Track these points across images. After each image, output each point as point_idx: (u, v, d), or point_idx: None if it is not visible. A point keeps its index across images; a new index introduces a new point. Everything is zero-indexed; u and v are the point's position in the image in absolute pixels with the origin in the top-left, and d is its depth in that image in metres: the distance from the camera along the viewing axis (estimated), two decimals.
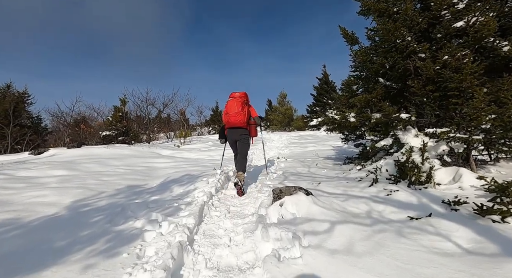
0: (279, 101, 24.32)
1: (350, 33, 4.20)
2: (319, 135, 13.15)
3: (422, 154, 2.60)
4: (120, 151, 6.75)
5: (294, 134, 16.18)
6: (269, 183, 3.34)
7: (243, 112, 3.54)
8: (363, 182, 2.87)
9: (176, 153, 7.68)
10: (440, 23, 3.26)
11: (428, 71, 3.00)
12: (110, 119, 11.19)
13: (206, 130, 27.73)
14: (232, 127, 3.63)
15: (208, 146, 9.50)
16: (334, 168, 4.21)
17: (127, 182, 3.69)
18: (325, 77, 22.66)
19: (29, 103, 15.95)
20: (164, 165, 5.57)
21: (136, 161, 5.80)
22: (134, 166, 5.27)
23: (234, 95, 3.63)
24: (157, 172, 4.80)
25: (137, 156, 6.43)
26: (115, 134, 10.77)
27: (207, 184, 3.39)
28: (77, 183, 3.46)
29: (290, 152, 6.99)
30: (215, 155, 7.34)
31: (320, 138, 10.65)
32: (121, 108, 11.33)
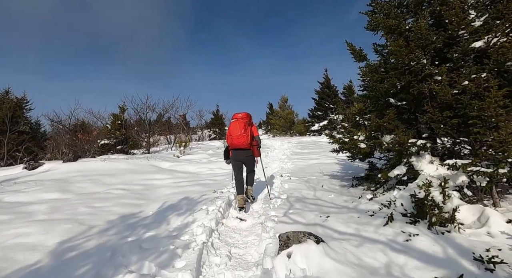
0: (281, 105, 24.11)
1: (358, 50, 3.98)
2: (322, 142, 12.91)
3: (442, 191, 2.36)
4: (117, 165, 6.52)
5: (296, 140, 15.95)
6: (273, 214, 3.10)
7: (246, 134, 3.62)
8: (377, 218, 2.63)
9: (176, 165, 7.45)
10: (457, 43, 3.03)
11: (445, 97, 2.77)
12: (108, 127, 10.98)
13: (207, 134, 27.54)
14: (236, 149, 3.72)
15: (209, 156, 9.27)
16: (341, 191, 3.97)
17: (121, 210, 3.45)
18: (327, 81, 22.45)
19: (27, 109, 15.86)
20: (162, 182, 5.34)
21: (133, 178, 5.57)
22: (131, 184, 5.04)
23: (237, 117, 3.73)
24: (154, 192, 4.57)
25: (134, 171, 6.20)
26: (114, 143, 10.56)
27: (206, 214, 3.16)
28: (67, 212, 3.23)
29: (293, 166, 6.75)
30: (215, 168, 7.10)
31: (323, 147, 10.40)
32: (120, 116, 11.12)
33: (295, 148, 11.12)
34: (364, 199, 3.20)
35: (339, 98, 22.30)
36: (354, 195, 3.67)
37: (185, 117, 31.17)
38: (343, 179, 4.77)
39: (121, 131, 10.60)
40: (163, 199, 4.08)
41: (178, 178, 5.79)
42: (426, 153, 3.03)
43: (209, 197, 3.93)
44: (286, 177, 5.18)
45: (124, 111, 11.48)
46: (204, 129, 28.72)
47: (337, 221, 2.71)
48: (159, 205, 3.74)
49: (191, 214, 3.21)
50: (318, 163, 6.99)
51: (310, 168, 6.31)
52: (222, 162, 7.89)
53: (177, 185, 5.13)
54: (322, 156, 7.99)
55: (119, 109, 11.36)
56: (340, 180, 4.73)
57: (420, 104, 3.25)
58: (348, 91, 22.46)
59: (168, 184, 5.23)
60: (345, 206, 3.17)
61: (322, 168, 6.19)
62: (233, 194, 4.12)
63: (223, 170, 6.91)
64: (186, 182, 5.37)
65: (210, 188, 4.69)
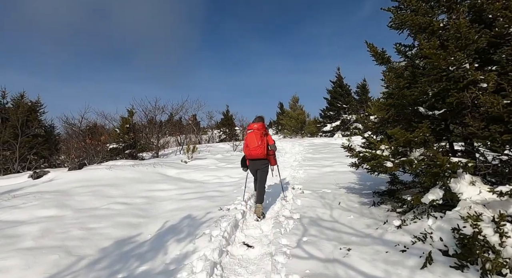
0: (291, 105, 23.57)
1: (380, 51, 3.51)
2: (335, 145, 12.34)
3: (499, 230, 1.89)
4: (122, 173, 6.31)
5: (307, 142, 15.43)
6: (284, 244, 2.71)
7: (263, 145, 3.82)
8: (410, 255, 2.19)
9: (183, 173, 7.17)
10: (507, 43, 2.52)
11: (494, 108, 2.28)
12: (117, 131, 10.89)
13: (217, 135, 27.41)
14: (253, 159, 3.93)
15: (217, 161, 8.96)
16: (361, 211, 3.52)
17: (117, 232, 3.16)
18: (339, 80, 21.71)
19: (41, 112, 16.13)
20: (166, 194, 5.05)
21: (137, 188, 5.31)
22: (133, 196, 4.78)
23: (253, 128, 3.90)
24: (157, 207, 4.28)
25: (139, 180, 5.96)
26: (122, 147, 10.44)
27: (209, 241, 2.81)
28: (58, 237, 2.96)
29: (306, 175, 6.31)
30: (223, 176, 6.77)
31: (337, 151, 9.87)
32: (128, 120, 11.00)
33: (307, 151, 10.64)
34: (391, 226, 2.75)
35: (352, 97, 21.51)
36: (378, 217, 3.22)
37: (196, 118, 31.28)
38: (362, 194, 4.30)
39: (130, 135, 10.48)
40: (164, 216, 3.77)
41: (183, 188, 5.48)
42: (465, 172, 2.55)
43: (214, 217, 3.59)
44: (298, 190, 4.76)
45: (132, 115, 11.37)
46: (214, 129, 28.64)
47: (360, 256, 2.29)
48: (159, 225, 3.43)
49: (192, 240, 2.87)
50: (332, 171, 6.51)
51: (324, 178, 5.86)
52: (230, 168, 7.56)
53: (181, 197, 4.83)
54: (336, 162, 7.49)
55: (128, 112, 11.26)
56: (358, 195, 4.27)
57: (458, 115, 2.76)
58: (362, 91, 21.65)
59: (172, 196, 4.93)
60: (369, 234, 2.73)
61: (337, 178, 5.72)
62: (240, 212, 3.76)
63: (231, 178, 6.57)
64: (191, 193, 5.06)
65: (216, 203, 4.34)
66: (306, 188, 4.95)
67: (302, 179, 5.96)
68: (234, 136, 25.66)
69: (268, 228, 3.41)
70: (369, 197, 4.09)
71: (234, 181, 6.16)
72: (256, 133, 3.81)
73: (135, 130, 11.35)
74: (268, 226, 3.47)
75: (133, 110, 11.34)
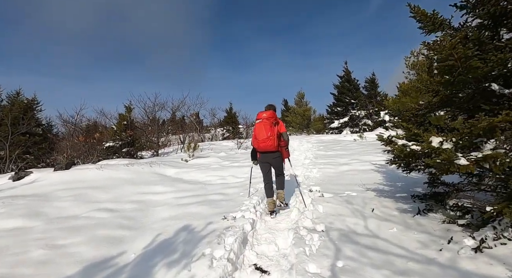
0: (297, 101, 22.74)
1: (431, 14, 2.71)
2: (346, 142, 11.54)
3: None
4: (114, 173, 5.61)
5: (315, 139, 14.63)
6: (313, 272, 1.96)
7: (273, 136, 3.41)
8: None
9: (183, 172, 6.46)
10: None
11: None
12: (114, 128, 10.23)
13: (220, 133, 26.74)
14: (264, 152, 3.56)
15: (220, 160, 8.23)
16: (405, 221, 2.75)
17: (91, 251, 2.44)
18: (347, 74, 20.83)
19: (38, 110, 15.57)
20: (162, 198, 4.34)
21: (129, 191, 4.60)
22: (122, 201, 4.07)
23: (262, 117, 3.51)
24: (148, 215, 3.56)
25: (132, 181, 5.25)
26: (119, 145, 9.77)
27: (209, 266, 2.07)
28: (8, 261, 2.24)
29: (321, 174, 5.54)
30: (227, 176, 6.03)
31: (351, 148, 9.08)
32: (126, 116, 10.33)
33: (317, 148, 9.85)
34: (463, 247, 1.97)
35: (361, 92, 20.61)
36: (432, 231, 2.44)
37: (198, 116, 30.63)
38: (397, 198, 3.52)
39: (127, 133, 9.80)
40: (155, 228, 3.04)
41: (182, 191, 4.76)
42: None
43: (217, 228, 2.85)
44: (317, 193, 4.00)
45: (130, 111, 10.69)
46: (218, 127, 27.96)
47: None
48: (148, 240, 2.70)
49: (188, 264, 2.14)
50: (351, 169, 5.73)
51: (343, 178, 5.08)
52: (236, 167, 6.83)
53: (178, 202, 4.10)
54: (353, 160, 6.70)
55: (125, 109, 10.58)
56: (393, 199, 3.49)
57: None
58: (371, 85, 20.71)
59: (168, 200, 4.21)
60: (432, 260, 1.96)
61: (359, 178, 4.94)
62: (249, 222, 3.02)
63: (236, 178, 5.84)
64: (191, 197, 4.33)
65: (220, 209, 3.61)
66: (325, 190, 4.18)
67: (318, 179, 5.19)
68: (237, 135, 24.98)
69: (285, 243, 2.67)
70: (408, 201, 3.31)
71: (240, 182, 5.42)
72: (265, 123, 3.43)
73: (134, 127, 10.68)
74: (285, 240, 2.72)
75: (131, 106, 10.66)
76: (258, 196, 4.15)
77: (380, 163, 6.01)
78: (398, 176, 4.84)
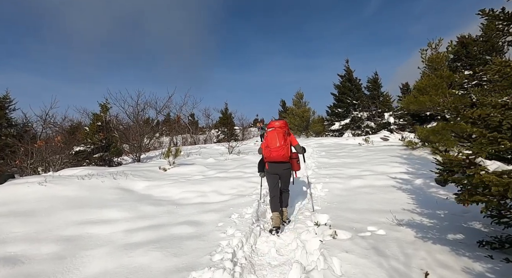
0: (295, 102, 21.54)
1: None
2: (350, 147, 10.33)
3: None
4: (61, 190, 4.32)
5: (315, 142, 13.42)
6: None
7: (286, 146, 3.29)
8: None
9: (155, 186, 5.19)
10: None
11: None
12: (87, 129, 8.92)
13: (215, 134, 25.51)
14: (274, 162, 3.34)
15: (206, 169, 6.97)
16: None
17: None
18: (349, 74, 19.67)
19: (11, 109, 14.19)
20: (107, 231, 3.08)
21: (64, 219, 3.33)
22: (42, 240, 2.80)
23: (274, 125, 3.38)
24: (70, 267, 2.30)
25: (79, 202, 3.97)
26: (91, 149, 8.47)
27: None
28: None
29: (328, 193, 4.30)
30: (209, 192, 4.78)
31: (357, 155, 7.86)
32: (100, 116, 9.04)
33: (319, 154, 8.61)
34: None
35: (363, 93, 19.44)
36: None
37: (194, 117, 29.33)
38: (453, 243, 2.28)
39: (100, 135, 8.50)
40: None
41: (141, 218, 3.50)
42: None
43: None
44: (326, 228, 2.74)
45: (107, 110, 9.39)
46: (212, 129, 26.73)
47: None
48: None
49: None
50: (365, 185, 4.51)
51: (358, 198, 3.85)
52: (221, 179, 5.58)
53: (127, 240, 2.85)
54: (364, 171, 5.48)
55: (100, 107, 9.28)
56: (447, 245, 2.25)
57: None
58: (373, 85, 19.52)
59: (114, 236, 2.95)
60: None
61: (379, 198, 3.73)
62: None
63: (219, 195, 4.59)
64: (148, 230, 3.07)
65: (180, 258, 2.37)
66: (338, 221, 2.94)
67: (324, 199, 3.95)
68: (233, 136, 23.75)
69: None
70: (476, 252, 2.08)
71: (223, 202, 4.18)
72: (279, 132, 3.30)
73: (110, 129, 9.39)
74: None
75: (107, 105, 9.36)
76: (241, 231, 2.90)
77: (400, 176, 4.80)
78: (430, 197, 3.63)
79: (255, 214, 3.51)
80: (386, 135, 15.08)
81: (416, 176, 4.70)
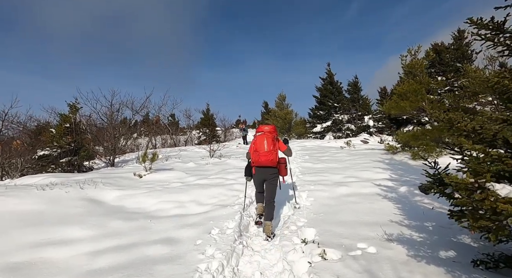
0: (278, 104, 21.50)
1: None
2: (333, 150, 10.37)
3: None
4: (15, 203, 3.79)
5: (297, 145, 13.39)
6: None
7: (275, 150, 3.31)
8: None
9: (128, 195, 4.76)
10: None
11: None
12: (53, 132, 8.16)
13: (196, 135, 24.89)
14: (261, 167, 3.33)
15: (185, 175, 6.58)
16: None
17: None
18: (330, 77, 19.98)
19: None
20: (64, 255, 2.68)
21: (10, 243, 2.86)
22: None
23: (264, 130, 3.40)
24: None
25: (36, 218, 3.48)
26: (58, 154, 7.75)
27: None
28: None
29: (314, 201, 4.14)
30: (187, 202, 4.45)
31: (340, 159, 7.84)
32: (69, 117, 8.31)
33: (302, 159, 8.51)
34: None
35: (344, 96, 19.83)
36: None
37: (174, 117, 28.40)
38: (446, 261, 2.17)
39: (68, 138, 7.81)
40: None
41: (109, 237, 3.11)
42: None
43: None
44: (315, 246, 2.54)
45: (76, 111, 8.67)
46: (194, 130, 26.04)
47: None
48: None
49: None
50: (351, 193, 4.40)
51: (345, 208, 3.72)
52: (202, 187, 5.25)
53: (92, 266, 2.47)
54: (349, 177, 5.40)
55: (69, 108, 8.55)
56: (440, 264, 2.13)
57: None
58: (354, 89, 19.98)
59: (75, 261, 2.56)
60: None
61: (366, 208, 3.62)
62: None
63: (199, 206, 4.28)
64: (115, 252, 2.71)
65: None
66: (326, 238, 2.76)
67: (310, 210, 3.77)
68: (215, 138, 23.27)
69: None
70: (471, 271, 1.97)
71: (203, 213, 3.87)
72: (268, 137, 3.31)
73: (80, 131, 8.68)
74: None
75: (76, 105, 8.64)
76: (222, 250, 2.63)
77: (384, 183, 4.76)
78: (416, 206, 3.58)
79: (237, 228, 3.25)
80: (366, 138, 15.43)
81: (400, 183, 4.68)
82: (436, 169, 2.61)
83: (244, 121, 24.40)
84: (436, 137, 6.46)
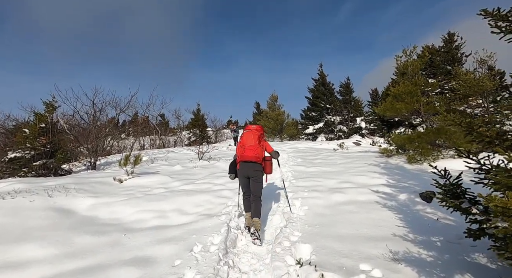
0: (270, 104, 21.22)
1: None
2: (325, 152, 10.10)
3: None
4: None
5: (289, 146, 13.09)
6: None
7: (261, 146, 3.42)
8: None
9: (103, 204, 4.29)
10: None
11: None
12: (27, 132, 7.53)
13: (186, 136, 24.28)
14: (246, 161, 3.36)
15: (170, 179, 6.14)
16: None
17: None
18: (322, 78, 19.84)
19: None
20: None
21: None
22: None
23: (251, 128, 3.55)
24: None
25: None
26: (31, 156, 7.14)
27: None
28: None
29: (308, 210, 3.79)
30: (169, 210, 4.03)
31: (333, 162, 7.56)
32: (44, 117, 7.70)
33: (294, 162, 8.19)
34: None
35: (336, 97, 19.72)
36: None
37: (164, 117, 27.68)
38: None
39: (43, 140, 7.21)
40: None
41: (73, 256, 2.66)
42: None
43: None
44: (312, 272, 2.19)
45: (53, 110, 8.06)
46: (183, 130, 25.42)
47: None
48: None
49: None
50: (348, 201, 4.09)
51: (342, 219, 3.39)
52: (187, 193, 4.83)
53: None
54: (344, 182, 5.10)
55: (45, 106, 7.93)
56: None
57: None
58: (346, 90, 19.92)
59: None
60: None
61: (364, 218, 3.31)
62: None
63: (182, 216, 3.87)
64: (79, 276, 2.28)
65: None
66: (324, 258, 2.41)
67: (305, 221, 3.42)
68: (205, 139, 22.76)
69: None
70: None
71: (187, 224, 3.47)
72: (254, 133, 3.44)
73: (57, 132, 8.07)
74: None
75: (54, 104, 8.03)
76: (204, 274, 2.24)
77: (382, 189, 4.48)
78: (419, 216, 3.29)
79: (223, 244, 2.86)
80: (358, 140, 15.30)
81: (398, 189, 4.41)
82: (447, 178, 2.31)
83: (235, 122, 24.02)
84: (432, 140, 6.26)
